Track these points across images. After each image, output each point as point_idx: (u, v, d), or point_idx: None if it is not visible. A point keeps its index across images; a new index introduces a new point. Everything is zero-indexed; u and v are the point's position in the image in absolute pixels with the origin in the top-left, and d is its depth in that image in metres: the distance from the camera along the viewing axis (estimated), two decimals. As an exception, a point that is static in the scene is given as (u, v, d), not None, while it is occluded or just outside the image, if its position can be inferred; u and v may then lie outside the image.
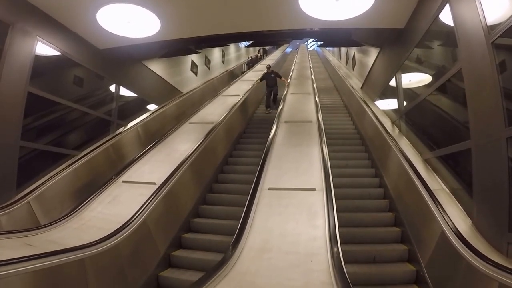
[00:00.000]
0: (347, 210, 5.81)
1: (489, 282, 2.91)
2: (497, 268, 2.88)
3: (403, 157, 5.64)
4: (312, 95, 12.09)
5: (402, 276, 4.54)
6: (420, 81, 6.31)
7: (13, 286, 2.78)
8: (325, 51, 26.61)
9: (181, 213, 5.89)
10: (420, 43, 6.09)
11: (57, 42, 6.31)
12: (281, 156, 6.91)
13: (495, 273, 2.86)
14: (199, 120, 9.43)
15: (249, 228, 4.56)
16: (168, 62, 10.81)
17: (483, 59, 3.58)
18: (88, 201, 5.42)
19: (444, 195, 4.49)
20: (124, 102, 8.73)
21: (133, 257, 4.40)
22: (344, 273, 3.24)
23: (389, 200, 6.06)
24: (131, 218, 4.56)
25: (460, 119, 4.69)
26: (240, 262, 3.85)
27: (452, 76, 4.68)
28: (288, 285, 3.37)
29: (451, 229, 3.68)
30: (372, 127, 8.09)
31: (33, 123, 5.98)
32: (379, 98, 9.30)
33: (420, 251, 4.43)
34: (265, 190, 5.57)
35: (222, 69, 18.30)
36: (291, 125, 8.86)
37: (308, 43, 40.23)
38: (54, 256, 3.21)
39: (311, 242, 4.17)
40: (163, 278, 4.80)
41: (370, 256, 4.89)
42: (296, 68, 19.66)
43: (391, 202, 5.96)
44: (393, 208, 5.82)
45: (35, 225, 4.87)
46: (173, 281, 4.75)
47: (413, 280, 4.43)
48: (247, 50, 25.47)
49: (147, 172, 6.46)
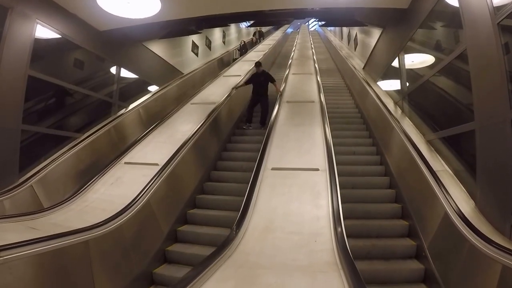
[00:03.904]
0: (348, 187, 5.89)
1: (492, 264, 2.92)
2: (500, 250, 2.88)
3: (406, 137, 5.63)
4: (314, 75, 11.98)
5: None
6: (424, 62, 6.25)
7: (17, 269, 2.79)
8: (327, 31, 26.22)
9: (185, 191, 5.94)
10: (424, 23, 6.00)
11: (57, 24, 6.22)
12: (284, 135, 6.90)
13: (499, 255, 2.86)
14: (201, 101, 9.38)
15: (252, 208, 4.57)
16: (168, 43, 10.67)
17: (489, 40, 3.53)
18: (91, 183, 5.43)
19: (447, 177, 4.48)
20: (125, 83, 8.66)
21: (138, 236, 4.43)
22: (348, 252, 3.26)
23: (390, 177, 6.16)
24: (134, 199, 4.58)
25: (464, 101, 4.66)
26: (244, 243, 3.87)
27: (456, 57, 4.62)
28: (293, 265, 3.38)
29: (455, 211, 3.69)
30: (375, 107, 8.06)
31: (34, 107, 5.95)
32: (382, 78, 9.22)
33: (423, 231, 4.46)
34: (268, 170, 5.58)
35: (223, 49, 18.10)
36: (293, 105, 8.82)
37: (309, 24, 39.64)
38: (58, 239, 3.21)
39: (315, 222, 4.19)
40: (170, 252, 4.95)
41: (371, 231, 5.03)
42: (298, 49, 19.42)
43: (392, 179, 6.05)
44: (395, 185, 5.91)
45: (38, 208, 4.88)
46: (179, 255, 4.91)
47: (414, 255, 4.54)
48: (248, 31, 25.08)
49: (150, 153, 6.46)
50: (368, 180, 6.28)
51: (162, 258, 4.90)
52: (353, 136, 8.30)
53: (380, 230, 5.06)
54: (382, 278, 4.26)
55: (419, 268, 4.24)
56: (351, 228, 4.50)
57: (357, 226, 5.03)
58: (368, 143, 7.87)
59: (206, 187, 6.58)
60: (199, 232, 5.36)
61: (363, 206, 5.55)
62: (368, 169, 6.70)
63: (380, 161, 6.92)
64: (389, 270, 4.35)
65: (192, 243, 5.22)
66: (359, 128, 8.77)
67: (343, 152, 7.14)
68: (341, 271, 3.09)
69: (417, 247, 4.53)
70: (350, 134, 8.37)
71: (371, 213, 5.42)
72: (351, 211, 5.21)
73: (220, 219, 5.53)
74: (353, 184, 6.09)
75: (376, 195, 5.92)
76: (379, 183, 6.23)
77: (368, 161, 7.05)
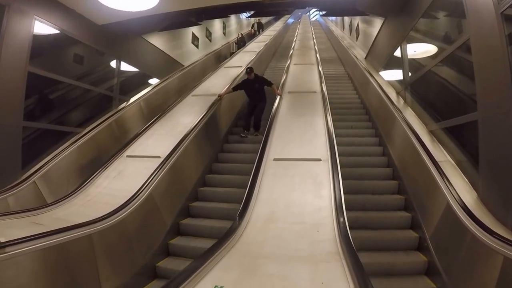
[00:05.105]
0: (351, 178, 5.87)
1: (494, 255, 2.91)
2: (502, 241, 2.87)
3: (408, 127, 5.61)
4: (315, 65, 11.94)
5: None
6: (426, 51, 6.20)
7: (22, 265, 2.81)
8: (328, 21, 26.01)
9: (188, 184, 5.97)
10: (426, 12, 5.94)
11: (55, 20, 6.17)
12: (286, 126, 6.90)
13: (501, 247, 2.85)
14: (202, 93, 9.34)
15: (255, 199, 4.59)
16: (168, 35, 10.61)
17: (492, 29, 3.49)
18: (93, 177, 5.45)
19: (450, 167, 4.46)
20: (126, 77, 8.63)
21: (141, 229, 4.46)
22: (351, 243, 3.27)
23: (393, 169, 6.16)
24: (137, 192, 4.59)
25: (467, 91, 4.62)
26: (246, 233, 3.89)
27: (459, 47, 4.58)
28: (295, 255, 3.40)
29: (457, 202, 3.67)
30: (377, 97, 8.02)
31: (35, 103, 5.95)
32: (384, 68, 9.16)
33: (425, 222, 4.46)
34: (270, 161, 5.59)
35: (224, 41, 18.00)
36: (295, 96, 8.80)
37: (310, 14, 39.37)
38: (61, 233, 3.23)
39: (317, 212, 4.21)
40: (173, 245, 4.99)
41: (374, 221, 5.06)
42: (299, 39, 19.32)
43: (395, 170, 6.05)
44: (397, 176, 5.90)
45: (41, 204, 4.88)
46: (182, 248, 4.94)
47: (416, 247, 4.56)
48: (249, 22, 24.92)
49: (151, 146, 6.46)
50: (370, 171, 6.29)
51: (165, 251, 4.93)
52: (355, 126, 8.30)
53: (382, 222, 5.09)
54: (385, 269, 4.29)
55: (422, 261, 4.25)
56: (353, 221, 4.51)
57: (361, 219, 5.05)
58: (370, 134, 7.88)
59: (208, 179, 6.60)
60: (201, 225, 5.39)
61: (365, 197, 5.57)
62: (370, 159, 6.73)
63: (383, 153, 6.92)
64: (390, 262, 4.36)
65: (195, 236, 5.25)
66: (361, 119, 8.77)
67: (345, 143, 7.14)
68: (343, 261, 3.10)
69: (419, 238, 4.54)
70: (352, 125, 8.36)
71: (376, 205, 5.45)
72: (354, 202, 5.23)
73: (223, 212, 5.55)
74: (360, 175, 6.11)
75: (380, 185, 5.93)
76: (382, 174, 6.24)
77: (371, 153, 7.05)
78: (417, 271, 4.24)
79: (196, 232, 5.29)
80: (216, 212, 5.64)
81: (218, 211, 5.66)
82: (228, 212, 5.33)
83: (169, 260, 4.83)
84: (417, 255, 4.41)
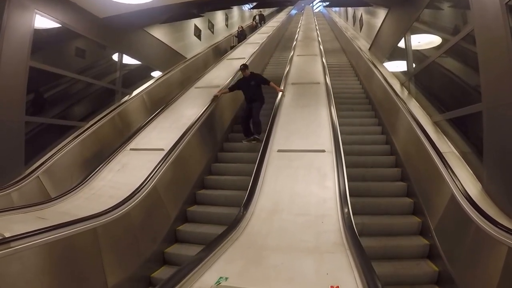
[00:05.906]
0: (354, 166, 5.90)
1: (498, 246, 2.91)
2: (506, 232, 2.87)
3: (412, 118, 5.57)
4: (319, 56, 11.85)
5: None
6: (430, 42, 6.14)
7: (27, 259, 2.83)
8: (331, 12, 25.81)
9: (193, 174, 6.00)
10: (430, 3, 5.87)
11: (56, 14, 6.15)
12: (290, 117, 6.88)
13: (505, 238, 2.85)
14: (205, 85, 9.29)
15: (259, 190, 4.61)
16: (170, 28, 10.57)
17: (496, 20, 3.45)
18: (97, 171, 5.46)
19: (454, 158, 4.44)
20: (128, 70, 8.63)
21: (146, 222, 4.48)
22: (355, 233, 3.28)
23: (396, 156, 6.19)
24: (141, 184, 4.60)
25: (471, 82, 4.59)
26: (251, 224, 3.91)
27: (463, 38, 4.54)
28: (300, 246, 3.41)
29: (461, 193, 3.66)
30: (381, 88, 7.98)
31: (37, 98, 5.95)
32: (388, 59, 9.10)
33: (429, 214, 4.46)
34: (274, 152, 5.59)
35: (226, 32, 17.90)
36: (299, 87, 8.76)
37: (314, 5, 39.07)
38: (66, 227, 3.25)
39: (322, 203, 4.22)
40: (180, 232, 5.11)
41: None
42: (302, 30, 19.18)
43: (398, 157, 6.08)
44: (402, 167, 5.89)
45: (46, 198, 4.90)
46: (189, 235, 5.06)
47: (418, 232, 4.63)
48: (251, 13, 24.71)
49: (155, 138, 6.46)
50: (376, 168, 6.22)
51: (173, 239, 5.00)
52: (359, 116, 8.35)
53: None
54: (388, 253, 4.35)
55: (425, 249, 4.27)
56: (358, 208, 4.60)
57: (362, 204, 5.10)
58: (373, 123, 7.91)
59: (214, 168, 6.68)
60: (208, 212, 5.50)
61: (368, 184, 5.64)
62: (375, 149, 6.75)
63: (386, 141, 6.95)
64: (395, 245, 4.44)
65: (202, 222, 5.34)
66: (365, 109, 8.77)
67: (349, 132, 7.14)
68: (348, 252, 3.12)
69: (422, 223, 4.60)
70: (356, 114, 8.41)
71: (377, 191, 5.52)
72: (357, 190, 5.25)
73: (228, 199, 5.67)
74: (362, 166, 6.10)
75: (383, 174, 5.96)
76: (385, 163, 6.26)
77: (375, 141, 7.08)
78: (420, 254, 4.31)
79: (203, 219, 5.40)
80: (222, 200, 5.75)
81: (223, 198, 5.77)
82: (233, 199, 5.46)
83: (177, 246, 4.91)
84: (419, 239, 4.48)
